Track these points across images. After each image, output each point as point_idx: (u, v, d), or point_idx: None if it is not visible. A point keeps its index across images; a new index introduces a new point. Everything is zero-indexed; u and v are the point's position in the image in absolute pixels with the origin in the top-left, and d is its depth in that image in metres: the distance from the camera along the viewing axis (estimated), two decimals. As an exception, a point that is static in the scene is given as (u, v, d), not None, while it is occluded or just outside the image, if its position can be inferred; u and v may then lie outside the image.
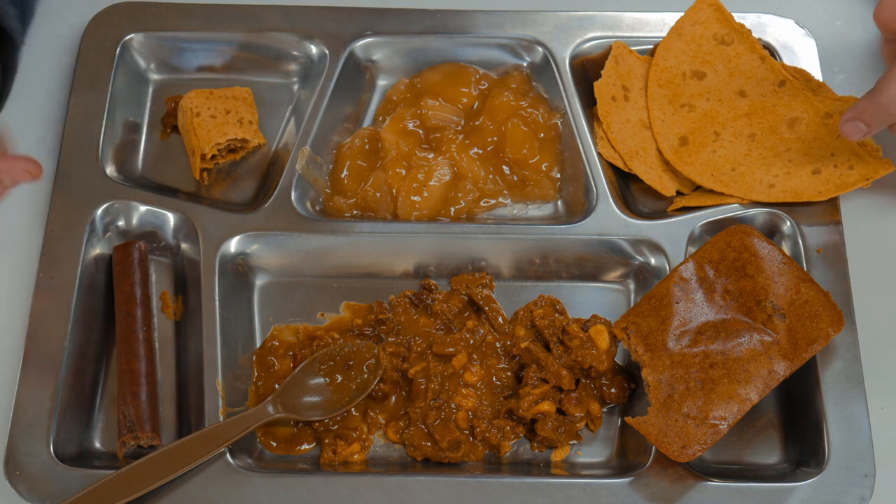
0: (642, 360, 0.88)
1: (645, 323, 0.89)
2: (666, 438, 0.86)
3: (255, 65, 1.09)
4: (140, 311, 0.95)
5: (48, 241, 0.96)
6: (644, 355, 0.88)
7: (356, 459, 0.92)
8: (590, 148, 1.02)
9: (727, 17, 1.04)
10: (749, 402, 0.86)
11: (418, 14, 1.09)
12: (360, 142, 1.05)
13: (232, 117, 1.03)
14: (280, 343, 0.98)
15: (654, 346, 0.88)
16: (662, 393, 0.87)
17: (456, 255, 1.00)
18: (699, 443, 0.85)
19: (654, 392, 0.87)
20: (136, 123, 1.07)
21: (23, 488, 0.87)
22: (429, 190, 1.02)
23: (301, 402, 0.92)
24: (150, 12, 1.08)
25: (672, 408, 0.86)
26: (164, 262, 1.01)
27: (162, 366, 0.96)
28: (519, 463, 0.93)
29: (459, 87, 1.08)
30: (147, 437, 0.90)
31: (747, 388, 0.85)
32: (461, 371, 0.95)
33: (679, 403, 0.86)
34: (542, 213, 1.04)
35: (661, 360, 0.88)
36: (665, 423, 0.86)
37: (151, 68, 1.09)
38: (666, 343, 0.88)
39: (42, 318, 0.93)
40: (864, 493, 0.87)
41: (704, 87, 1.03)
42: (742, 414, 0.85)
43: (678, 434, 0.86)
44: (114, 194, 0.99)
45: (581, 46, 1.07)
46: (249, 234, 0.98)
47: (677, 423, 0.86)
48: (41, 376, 0.91)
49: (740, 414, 0.85)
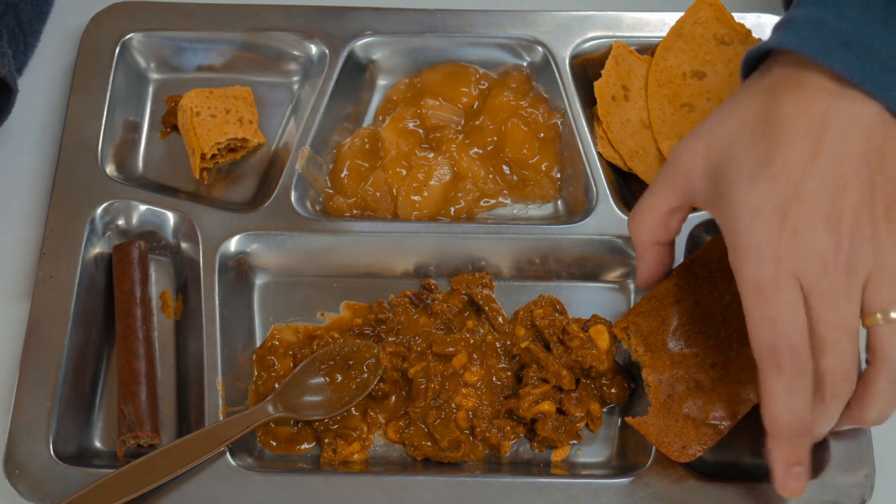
0: (642, 360, 0.88)
1: (645, 323, 0.89)
2: (666, 439, 0.86)
3: (255, 64, 1.09)
4: (140, 310, 0.95)
5: (48, 240, 0.96)
6: (644, 355, 0.88)
7: (356, 459, 0.92)
8: (590, 148, 1.02)
9: (727, 17, 1.04)
10: (749, 402, 0.85)
11: (418, 14, 1.09)
12: (360, 141, 1.05)
13: (232, 117, 1.03)
14: (280, 343, 0.98)
15: (654, 346, 0.88)
16: (663, 393, 0.86)
17: (456, 254, 1.00)
18: (699, 443, 0.85)
19: (655, 392, 0.87)
20: (136, 123, 1.07)
21: (22, 487, 0.87)
22: (429, 190, 1.02)
23: (301, 402, 0.92)
24: (150, 12, 1.08)
25: (672, 408, 0.86)
26: (163, 261, 1.01)
27: (162, 365, 0.96)
28: (519, 463, 0.93)
29: (459, 87, 1.08)
30: (147, 437, 0.90)
31: (747, 389, 0.85)
32: (461, 371, 0.95)
33: (679, 404, 0.86)
34: (542, 212, 1.04)
35: (662, 361, 0.87)
36: (665, 423, 0.86)
37: (151, 68, 1.09)
38: (666, 343, 0.88)
39: (42, 317, 0.93)
40: (865, 493, 0.87)
41: (704, 86, 1.04)
42: (742, 414, 0.85)
43: (678, 434, 0.85)
44: (114, 193, 0.99)
45: (581, 46, 1.07)
46: (249, 234, 0.98)
47: (677, 423, 0.86)
48: (41, 375, 0.91)
49: (741, 414, 0.85)
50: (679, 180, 0.81)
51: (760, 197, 0.74)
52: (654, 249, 0.86)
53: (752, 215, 0.74)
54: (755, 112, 0.77)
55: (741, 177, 0.75)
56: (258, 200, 1.02)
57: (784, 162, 0.74)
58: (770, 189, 0.74)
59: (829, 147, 0.74)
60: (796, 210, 0.73)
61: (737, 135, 0.77)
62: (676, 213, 0.83)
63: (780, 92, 0.77)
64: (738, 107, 0.79)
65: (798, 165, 0.74)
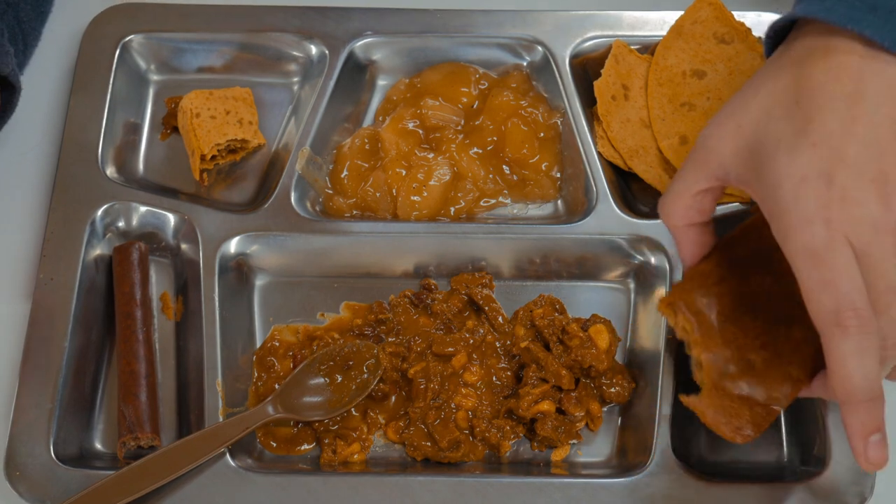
0: (692, 338, 0.84)
1: (691, 301, 0.85)
2: (721, 419, 0.82)
3: (255, 65, 1.09)
4: (140, 311, 0.95)
5: (48, 242, 0.97)
6: (695, 333, 0.84)
7: (356, 459, 0.92)
8: (590, 147, 1.02)
9: (727, 16, 1.04)
10: (801, 383, 0.82)
11: (418, 14, 1.09)
12: (360, 142, 1.05)
13: (232, 118, 1.03)
14: (280, 343, 0.98)
15: (703, 323, 0.84)
16: (716, 372, 0.83)
17: (456, 254, 1.00)
18: (753, 424, 0.82)
19: (708, 371, 0.83)
20: (137, 124, 1.07)
21: (23, 489, 0.87)
22: (429, 190, 1.02)
23: (301, 402, 0.93)
24: (150, 13, 1.08)
25: (726, 388, 0.82)
26: (164, 262, 1.01)
27: (162, 366, 0.96)
28: (519, 463, 0.93)
29: (459, 87, 1.08)
30: (147, 438, 0.90)
31: (798, 370, 0.82)
32: (461, 371, 0.95)
33: (732, 383, 0.82)
34: (542, 212, 1.04)
35: (713, 339, 0.84)
36: (721, 403, 0.82)
37: (151, 69, 1.09)
38: (715, 322, 0.84)
39: (42, 318, 0.93)
40: (865, 493, 0.87)
41: (705, 85, 1.03)
42: (795, 395, 0.82)
43: (733, 415, 0.82)
44: (114, 195, 1.00)
45: (581, 46, 1.07)
46: (249, 235, 0.98)
47: (732, 403, 0.82)
48: (41, 377, 0.91)
49: (793, 395, 0.82)
50: (710, 162, 0.79)
51: (803, 165, 0.72)
52: (691, 231, 0.84)
53: (797, 184, 0.72)
54: (785, 85, 0.76)
55: (779, 150, 0.74)
56: (258, 201, 1.02)
57: (823, 128, 0.73)
58: (812, 156, 0.72)
59: (866, 110, 0.72)
60: (842, 174, 0.71)
61: (769, 110, 0.76)
62: (709, 194, 0.82)
63: (809, 62, 0.75)
64: (767, 81, 0.77)
65: (837, 130, 0.72)
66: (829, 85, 0.74)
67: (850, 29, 0.74)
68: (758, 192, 0.76)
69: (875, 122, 0.73)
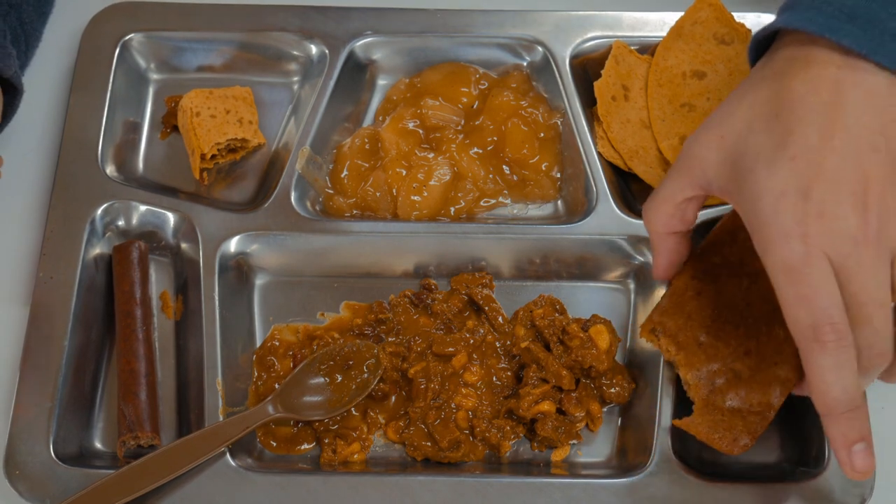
0: (676, 360, 0.86)
1: (671, 321, 0.87)
2: (716, 434, 0.84)
3: (255, 65, 1.09)
4: (140, 310, 0.95)
5: (48, 240, 0.96)
6: (678, 355, 0.86)
7: (356, 459, 0.92)
8: (590, 148, 1.02)
9: (727, 17, 1.04)
10: (790, 382, 0.83)
11: (418, 14, 1.09)
12: (360, 142, 1.05)
13: (232, 117, 1.03)
14: (280, 343, 0.98)
15: (685, 343, 0.86)
16: (704, 389, 0.85)
17: (456, 254, 1.00)
18: (749, 433, 0.83)
19: (695, 390, 0.85)
20: (136, 123, 1.07)
21: (23, 488, 0.87)
22: (429, 190, 1.02)
23: (301, 402, 0.92)
24: (150, 12, 1.08)
25: (716, 403, 0.84)
26: (163, 261, 1.01)
27: (162, 366, 0.96)
28: (519, 463, 0.93)
29: (459, 87, 1.08)
30: (147, 437, 0.90)
31: (785, 369, 0.83)
32: (461, 371, 0.95)
33: (722, 397, 0.84)
34: (542, 212, 1.04)
35: (696, 357, 0.86)
36: (712, 419, 0.84)
37: (151, 68, 1.09)
38: (697, 338, 0.86)
39: (42, 317, 0.93)
40: (865, 493, 0.87)
41: (705, 86, 1.03)
42: (786, 395, 0.83)
43: (727, 428, 0.83)
44: (114, 194, 0.99)
45: (581, 46, 1.07)
46: (249, 234, 0.98)
47: (724, 417, 0.84)
48: (41, 376, 0.91)
49: (784, 395, 0.83)
50: (694, 171, 0.80)
51: (782, 180, 0.73)
52: (671, 239, 0.85)
53: (776, 198, 0.73)
54: (766, 97, 0.76)
55: (759, 163, 0.74)
56: (258, 201, 1.02)
57: (801, 141, 0.73)
58: (791, 170, 0.73)
59: (845, 122, 0.73)
60: (819, 188, 0.72)
61: (750, 122, 0.76)
62: (692, 203, 0.82)
63: (790, 73, 0.76)
64: (748, 93, 0.78)
65: (816, 143, 0.73)
66: (809, 97, 0.74)
67: (829, 38, 0.74)
68: (739, 204, 0.77)
69: (853, 133, 0.73)
